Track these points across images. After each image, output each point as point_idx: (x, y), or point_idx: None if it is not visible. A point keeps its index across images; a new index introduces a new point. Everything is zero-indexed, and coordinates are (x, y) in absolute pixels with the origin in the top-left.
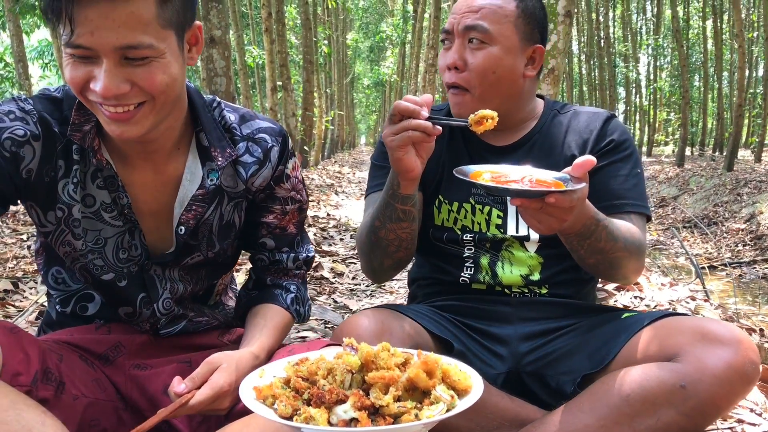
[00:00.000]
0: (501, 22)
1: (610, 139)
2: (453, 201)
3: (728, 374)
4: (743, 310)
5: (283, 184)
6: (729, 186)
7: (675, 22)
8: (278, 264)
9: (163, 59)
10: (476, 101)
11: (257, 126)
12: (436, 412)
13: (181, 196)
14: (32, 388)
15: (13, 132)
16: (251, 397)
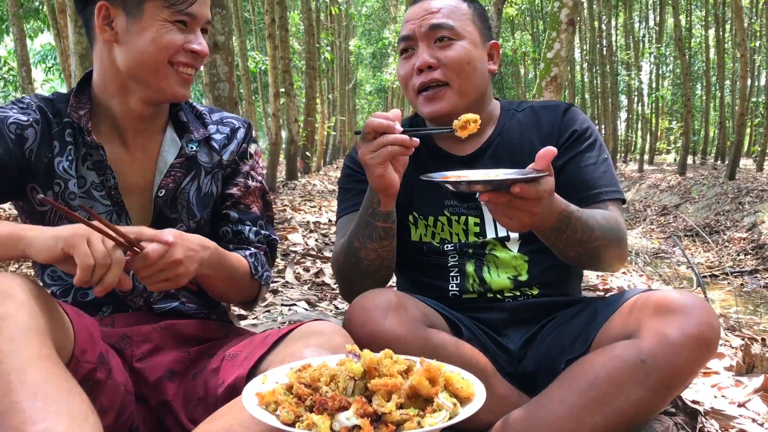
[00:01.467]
0: (461, 19)
1: (572, 130)
2: (428, 215)
3: (685, 341)
4: (745, 319)
5: (246, 160)
6: (731, 195)
7: (677, 30)
8: (240, 235)
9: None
10: (456, 94)
11: (224, 115)
12: (439, 420)
13: (161, 166)
14: (96, 366)
15: (18, 118)
16: (254, 403)
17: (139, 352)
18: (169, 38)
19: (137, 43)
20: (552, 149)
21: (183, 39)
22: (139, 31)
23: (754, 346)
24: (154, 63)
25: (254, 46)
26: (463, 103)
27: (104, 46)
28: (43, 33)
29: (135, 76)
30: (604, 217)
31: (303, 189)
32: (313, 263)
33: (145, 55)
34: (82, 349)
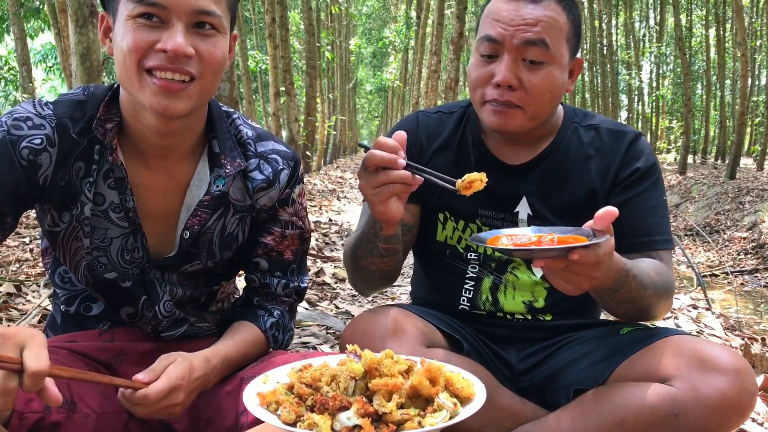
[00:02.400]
0: (558, 37)
1: (636, 167)
2: (459, 219)
3: (722, 405)
4: (745, 319)
5: (287, 207)
6: (731, 194)
7: (678, 30)
8: (267, 288)
9: (224, 37)
10: (527, 119)
11: (271, 147)
12: (439, 420)
13: (188, 201)
14: (45, 414)
15: (31, 141)
16: (255, 402)
17: (135, 369)
18: (131, 38)
19: (116, 50)
20: (613, 211)
21: (152, 38)
22: (114, 35)
23: (754, 346)
24: (124, 71)
25: (255, 45)
26: (531, 125)
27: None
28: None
29: (124, 89)
30: (658, 273)
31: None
32: (313, 263)
33: (118, 63)
34: (27, 399)
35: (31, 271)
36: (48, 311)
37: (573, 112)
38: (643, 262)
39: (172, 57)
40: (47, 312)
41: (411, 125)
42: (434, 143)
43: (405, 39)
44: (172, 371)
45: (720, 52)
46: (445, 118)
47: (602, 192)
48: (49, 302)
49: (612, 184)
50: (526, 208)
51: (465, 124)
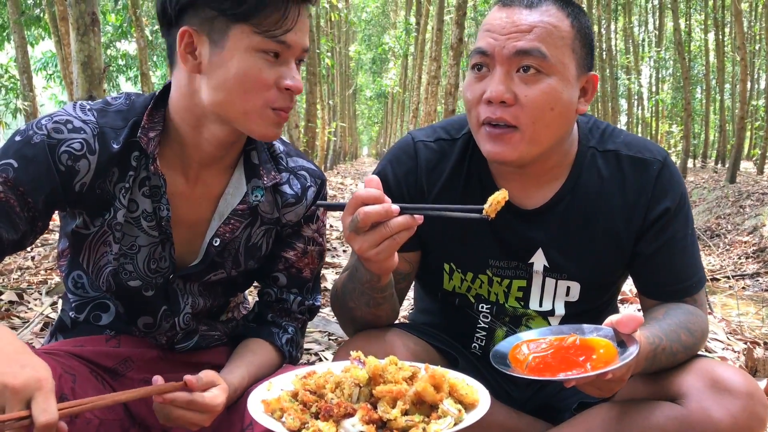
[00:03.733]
0: (558, 45)
1: (665, 207)
2: (467, 271)
3: (732, 429)
4: (747, 323)
5: (312, 224)
6: (731, 198)
7: (677, 34)
8: (283, 303)
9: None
10: (526, 142)
11: (301, 164)
12: (444, 426)
13: (222, 209)
14: None
15: (71, 145)
16: (260, 410)
17: (141, 376)
18: (258, 76)
19: (221, 76)
20: (640, 320)
21: (274, 74)
22: (222, 62)
23: (756, 350)
24: (242, 104)
25: None
26: (534, 151)
27: (187, 74)
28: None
29: (218, 113)
30: (690, 331)
31: None
32: None
33: (230, 94)
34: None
35: (33, 279)
36: (50, 319)
37: (588, 133)
38: (673, 320)
39: (292, 93)
40: (49, 320)
41: (409, 159)
42: (437, 182)
43: (404, 45)
44: (219, 395)
45: (719, 56)
46: (446, 147)
47: (628, 237)
48: (51, 310)
49: (640, 228)
50: (542, 259)
51: (470, 157)
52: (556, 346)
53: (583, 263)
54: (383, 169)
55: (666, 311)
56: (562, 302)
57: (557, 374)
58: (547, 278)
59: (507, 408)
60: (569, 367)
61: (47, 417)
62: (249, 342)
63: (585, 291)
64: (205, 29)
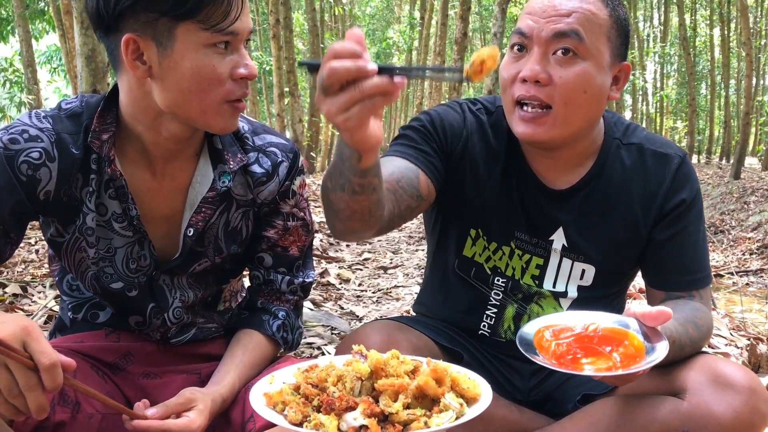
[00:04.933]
0: (595, 32)
1: (681, 199)
2: (492, 240)
3: (734, 424)
4: (750, 319)
5: (288, 200)
6: (736, 194)
7: (682, 30)
8: (271, 284)
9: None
10: (558, 123)
11: (269, 140)
12: (446, 420)
13: (191, 199)
14: (49, 414)
15: (29, 155)
16: (261, 403)
17: (142, 370)
18: (213, 72)
19: (174, 78)
20: (669, 315)
21: (228, 65)
22: (174, 64)
23: (759, 346)
24: (200, 103)
25: (258, 46)
26: (565, 132)
27: (135, 79)
28: (48, 34)
29: (175, 113)
30: (696, 326)
31: (308, 189)
32: (318, 263)
33: (187, 94)
34: None
35: (37, 272)
36: (54, 312)
37: (613, 125)
38: (681, 314)
39: (249, 80)
40: (53, 313)
41: (458, 114)
42: (479, 148)
43: (409, 40)
44: (194, 420)
45: (724, 52)
46: (486, 118)
47: (645, 224)
48: (55, 303)
49: (657, 216)
50: (561, 238)
51: (509, 135)
52: (577, 333)
53: (600, 246)
54: (429, 114)
55: (674, 306)
56: (575, 285)
57: (585, 368)
58: (564, 258)
59: (508, 402)
60: (596, 357)
61: (48, 358)
62: (241, 336)
63: (598, 276)
64: (149, 33)
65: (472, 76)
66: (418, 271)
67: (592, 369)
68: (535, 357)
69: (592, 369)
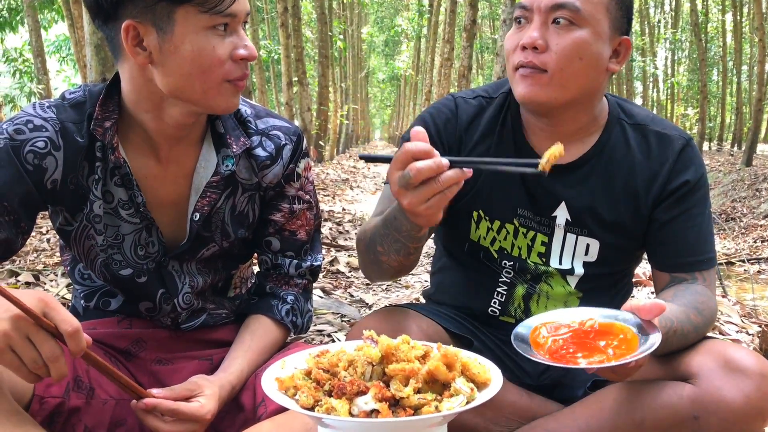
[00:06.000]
0: (593, 2)
1: (685, 180)
2: (494, 219)
3: (745, 409)
4: (761, 306)
5: (293, 183)
6: (747, 181)
7: (693, 15)
8: (279, 269)
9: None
10: (554, 86)
11: (272, 123)
12: (456, 405)
13: (196, 184)
14: (64, 399)
15: (35, 144)
16: (273, 387)
17: (154, 356)
18: (213, 54)
19: (175, 62)
20: (663, 307)
21: (228, 47)
22: (175, 48)
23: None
24: (201, 84)
25: (266, 35)
26: (563, 96)
27: (136, 66)
28: (57, 23)
29: (178, 96)
30: (699, 311)
31: (316, 178)
32: (327, 252)
33: (188, 77)
34: (47, 384)
35: (49, 261)
36: (66, 300)
37: (618, 106)
38: (682, 301)
39: (249, 61)
40: (65, 301)
41: (449, 111)
42: (474, 134)
43: (417, 27)
44: (206, 405)
45: (737, 38)
46: (484, 104)
47: (646, 204)
48: (67, 291)
49: (659, 195)
50: (564, 213)
51: (506, 113)
52: (574, 329)
53: (602, 221)
54: (423, 119)
55: (675, 293)
56: (580, 261)
57: (579, 361)
58: (568, 233)
59: (519, 388)
60: (590, 352)
61: (70, 325)
62: (250, 322)
63: (603, 251)
64: (149, 18)
65: (546, 168)
66: (427, 259)
67: (585, 362)
68: (530, 353)
69: (585, 362)
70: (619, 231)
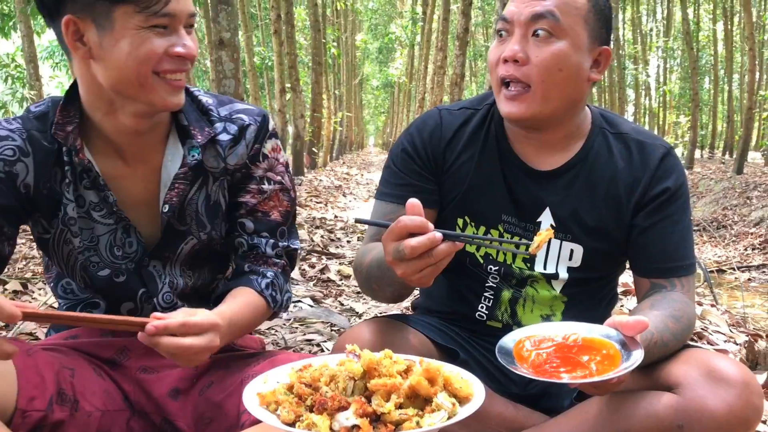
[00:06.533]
0: (571, 14)
1: (665, 187)
2: (480, 225)
3: (728, 418)
4: (751, 315)
5: (260, 163)
6: (738, 189)
7: (685, 24)
8: (256, 249)
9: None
10: (538, 101)
11: (235, 108)
12: (438, 420)
13: (165, 178)
14: (47, 413)
15: (3, 153)
16: (255, 403)
17: (139, 365)
18: (147, 48)
19: (113, 57)
20: (646, 324)
21: (165, 44)
22: (113, 44)
23: (758, 343)
24: (137, 77)
25: (260, 41)
26: (547, 109)
27: (82, 64)
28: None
29: (119, 92)
30: (677, 319)
31: (309, 185)
32: (318, 260)
33: (124, 70)
34: (30, 397)
35: (38, 269)
36: (54, 309)
37: (600, 115)
38: (659, 311)
39: (188, 59)
40: (53, 310)
41: (434, 123)
42: (459, 144)
43: (411, 35)
44: (208, 314)
45: (728, 47)
46: (469, 115)
47: (628, 210)
48: (55, 300)
49: (640, 202)
50: (549, 218)
51: (490, 122)
52: (558, 343)
53: (585, 227)
54: (410, 134)
55: (652, 302)
56: (565, 266)
57: (562, 376)
58: (552, 239)
59: (504, 400)
60: (573, 367)
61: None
62: (231, 293)
63: (586, 256)
64: (89, 14)
65: (535, 252)
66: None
67: (568, 377)
68: (513, 367)
69: (568, 377)
70: (602, 236)
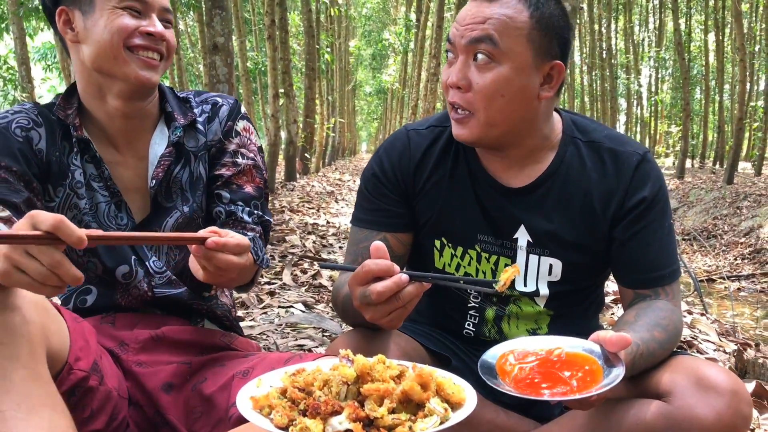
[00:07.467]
0: (511, 35)
1: (641, 197)
2: (457, 246)
3: (717, 426)
4: (740, 324)
5: (232, 138)
6: (729, 199)
7: (677, 34)
8: (234, 216)
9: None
10: (482, 126)
11: (211, 95)
12: (430, 425)
13: (152, 158)
14: (89, 374)
15: (19, 122)
16: (248, 406)
17: (136, 359)
18: (120, 22)
19: (93, 34)
20: (629, 341)
21: (136, 23)
22: (93, 24)
23: (747, 352)
24: (111, 49)
25: (254, 46)
26: (493, 133)
27: (74, 51)
28: (43, 31)
29: (99, 68)
30: (663, 328)
31: (302, 190)
32: (310, 265)
33: (101, 44)
34: (76, 357)
35: None
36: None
37: (572, 123)
38: (644, 321)
39: (159, 39)
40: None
41: (402, 146)
42: (429, 162)
43: (404, 41)
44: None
45: (719, 57)
46: (438, 133)
47: (605, 222)
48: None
49: (616, 214)
50: (525, 235)
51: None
52: (541, 357)
53: (561, 241)
54: (379, 157)
55: (637, 312)
56: (545, 282)
57: (543, 393)
58: (531, 255)
59: (496, 406)
60: (554, 383)
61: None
62: None
63: (566, 270)
64: (76, 4)
65: (501, 289)
66: None
67: (548, 393)
68: (495, 383)
69: (548, 393)
70: (580, 250)
